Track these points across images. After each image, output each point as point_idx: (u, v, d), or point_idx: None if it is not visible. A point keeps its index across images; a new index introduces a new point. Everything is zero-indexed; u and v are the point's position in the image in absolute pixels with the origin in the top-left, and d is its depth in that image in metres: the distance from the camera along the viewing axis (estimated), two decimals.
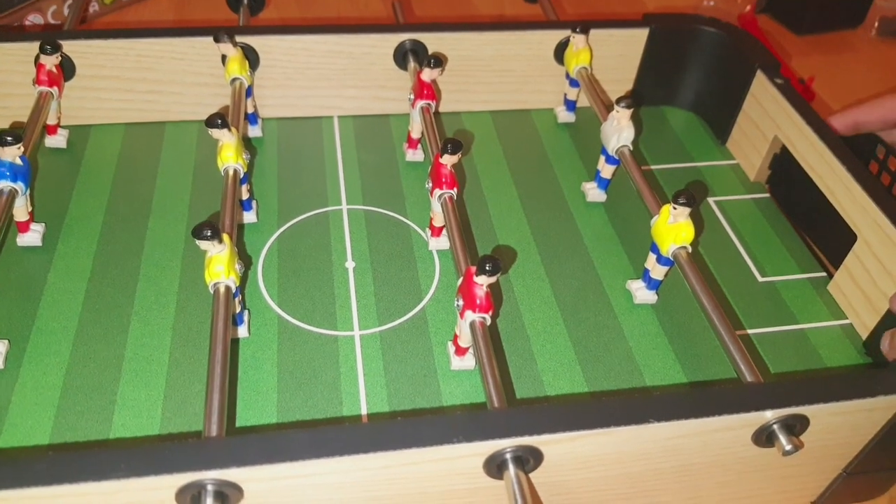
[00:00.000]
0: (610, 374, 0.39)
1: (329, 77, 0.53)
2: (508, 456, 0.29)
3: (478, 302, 0.35)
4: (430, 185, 0.43)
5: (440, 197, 0.43)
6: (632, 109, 0.46)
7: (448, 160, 0.42)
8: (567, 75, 0.55)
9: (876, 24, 0.77)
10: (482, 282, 0.35)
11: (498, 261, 0.34)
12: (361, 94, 0.55)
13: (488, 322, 0.36)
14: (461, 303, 0.36)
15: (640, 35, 0.55)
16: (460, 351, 0.38)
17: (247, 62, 0.50)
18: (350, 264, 0.45)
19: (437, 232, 0.45)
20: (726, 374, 0.40)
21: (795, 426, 0.31)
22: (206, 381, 0.33)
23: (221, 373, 0.33)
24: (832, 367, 0.41)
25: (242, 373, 0.38)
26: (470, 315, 0.35)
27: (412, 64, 0.53)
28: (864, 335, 0.42)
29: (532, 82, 0.56)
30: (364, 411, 0.37)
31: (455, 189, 0.43)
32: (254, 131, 0.53)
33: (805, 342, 0.42)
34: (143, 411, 0.36)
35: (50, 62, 0.48)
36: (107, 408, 0.37)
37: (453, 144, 0.41)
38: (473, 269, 0.35)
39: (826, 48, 0.75)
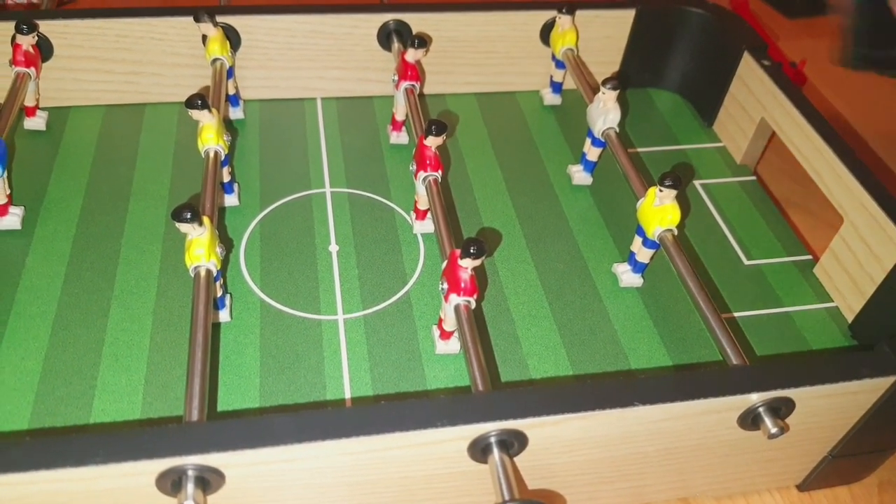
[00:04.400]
0: (595, 358, 0.39)
1: (311, 58, 0.52)
2: (493, 440, 0.28)
3: (462, 285, 0.35)
4: (415, 167, 0.43)
5: (424, 179, 0.42)
6: (618, 91, 0.46)
7: (432, 142, 0.41)
8: (553, 57, 0.54)
9: None
10: (466, 265, 0.35)
11: (482, 243, 0.33)
12: (345, 75, 0.54)
13: (473, 305, 0.35)
14: (446, 286, 0.36)
15: (627, 16, 0.55)
16: (445, 335, 0.38)
17: (228, 43, 0.49)
18: (334, 248, 0.44)
19: (421, 215, 0.45)
20: (712, 357, 0.39)
21: (781, 409, 0.31)
22: (187, 366, 0.32)
23: (202, 357, 0.32)
24: (817, 350, 0.41)
25: (224, 357, 0.38)
26: (455, 298, 0.35)
27: (396, 44, 0.52)
28: (850, 318, 0.42)
29: (517, 64, 0.56)
30: (348, 395, 0.37)
31: (440, 171, 0.42)
32: (235, 113, 0.52)
33: (790, 325, 0.42)
34: (123, 396, 0.36)
35: (26, 42, 0.47)
36: (87, 393, 0.36)
37: (437, 126, 0.41)
38: (458, 252, 0.34)
39: (817, 32, 0.74)
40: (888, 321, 0.40)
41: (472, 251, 0.33)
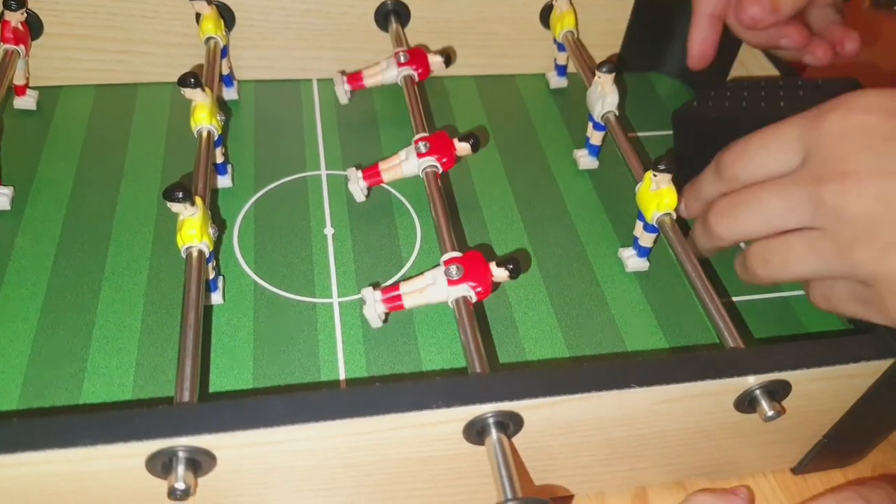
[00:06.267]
0: (592, 342, 0.39)
1: (307, 38, 0.51)
2: (490, 421, 0.28)
3: (486, 289, 0.36)
4: (425, 148, 0.42)
5: (421, 166, 0.42)
6: (613, 74, 0.45)
7: (462, 151, 0.42)
8: (554, 39, 0.53)
9: None
10: (498, 277, 0.36)
11: (520, 268, 0.36)
12: (341, 56, 0.53)
13: (474, 299, 0.35)
14: (461, 274, 0.35)
15: None
16: (393, 300, 0.37)
17: (222, 21, 0.48)
18: (329, 230, 0.44)
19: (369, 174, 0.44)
20: (710, 341, 0.39)
21: (777, 392, 0.31)
22: (179, 347, 0.32)
23: (194, 338, 0.32)
24: (815, 334, 0.40)
25: (217, 340, 0.37)
26: (469, 290, 0.35)
27: (394, 25, 0.51)
28: None
29: (518, 46, 0.55)
30: (342, 376, 0.36)
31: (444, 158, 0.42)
32: (229, 93, 0.51)
33: (788, 310, 0.41)
34: (114, 379, 0.36)
35: (15, 19, 0.46)
36: (76, 375, 0.36)
37: (474, 141, 0.43)
38: (495, 262, 0.36)
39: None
40: None
41: (510, 268, 0.36)
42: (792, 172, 0.31)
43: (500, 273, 0.36)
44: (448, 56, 0.50)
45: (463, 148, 0.43)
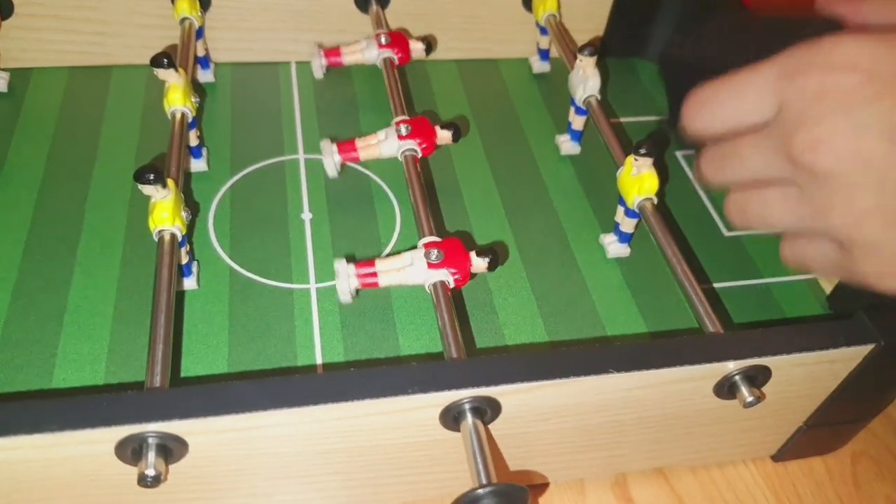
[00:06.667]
0: (572, 328, 0.38)
1: (285, 19, 0.50)
2: (466, 406, 0.28)
3: (463, 276, 0.35)
4: (405, 129, 0.42)
5: (401, 149, 0.41)
6: (595, 57, 0.45)
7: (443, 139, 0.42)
8: (537, 23, 0.53)
9: None
10: (476, 265, 0.36)
11: (498, 260, 0.37)
12: (320, 38, 0.52)
13: (452, 284, 0.35)
14: (441, 258, 0.35)
15: None
16: (369, 276, 0.37)
17: (197, 2, 0.47)
18: (307, 215, 0.43)
19: (345, 148, 0.43)
20: (690, 326, 0.39)
21: (757, 377, 0.31)
22: (150, 331, 0.31)
23: (166, 322, 0.31)
24: (794, 319, 0.40)
25: (191, 326, 0.37)
26: (446, 276, 0.35)
27: (374, 7, 0.50)
28: (828, 290, 0.42)
29: (500, 30, 0.54)
30: (319, 362, 0.36)
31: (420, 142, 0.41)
32: (205, 76, 0.50)
33: (769, 296, 0.41)
34: (85, 365, 0.35)
35: None
36: (47, 361, 0.35)
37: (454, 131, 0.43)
38: (474, 252, 0.36)
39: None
40: (865, 293, 0.39)
41: (489, 260, 0.36)
42: (767, 126, 0.30)
43: (479, 263, 0.36)
44: (429, 44, 0.50)
45: (444, 136, 0.42)
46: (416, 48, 0.49)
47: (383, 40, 0.48)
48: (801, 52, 0.29)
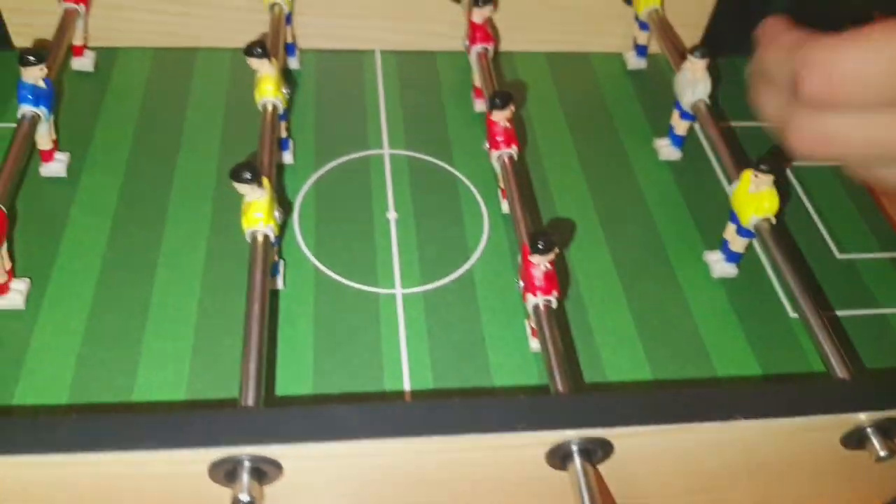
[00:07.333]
0: (675, 356, 0.36)
1: (371, 6, 0.48)
2: (575, 448, 0.26)
3: (536, 283, 0.32)
4: (488, 146, 0.39)
5: (499, 158, 0.39)
6: (707, 59, 0.42)
7: (499, 116, 0.38)
8: (636, 17, 0.50)
9: None
10: (537, 261, 0.32)
11: (550, 236, 0.31)
12: (407, 26, 0.50)
13: (554, 305, 0.32)
14: (521, 284, 0.33)
15: None
16: (535, 332, 0.35)
17: None
18: (392, 215, 0.41)
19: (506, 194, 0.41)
20: (801, 359, 0.36)
21: (891, 429, 0.28)
22: (243, 343, 0.30)
23: (259, 333, 0.30)
24: None
25: (278, 328, 0.36)
26: (532, 299, 0.32)
27: None
28: None
29: (594, 22, 0.51)
30: (406, 377, 0.34)
31: (514, 147, 0.39)
32: (291, 63, 0.49)
33: (887, 327, 0.38)
34: (169, 364, 0.34)
35: None
36: (131, 358, 0.34)
37: (502, 98, 0.37)
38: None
39: None
40: None
41: (539, 246, 0.31)
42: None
43: (537, 259, 0.32)
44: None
45: (500, 115, 0.39)
46: (480, 12, 0.45)
47: (466, 42, 0.45)
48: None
